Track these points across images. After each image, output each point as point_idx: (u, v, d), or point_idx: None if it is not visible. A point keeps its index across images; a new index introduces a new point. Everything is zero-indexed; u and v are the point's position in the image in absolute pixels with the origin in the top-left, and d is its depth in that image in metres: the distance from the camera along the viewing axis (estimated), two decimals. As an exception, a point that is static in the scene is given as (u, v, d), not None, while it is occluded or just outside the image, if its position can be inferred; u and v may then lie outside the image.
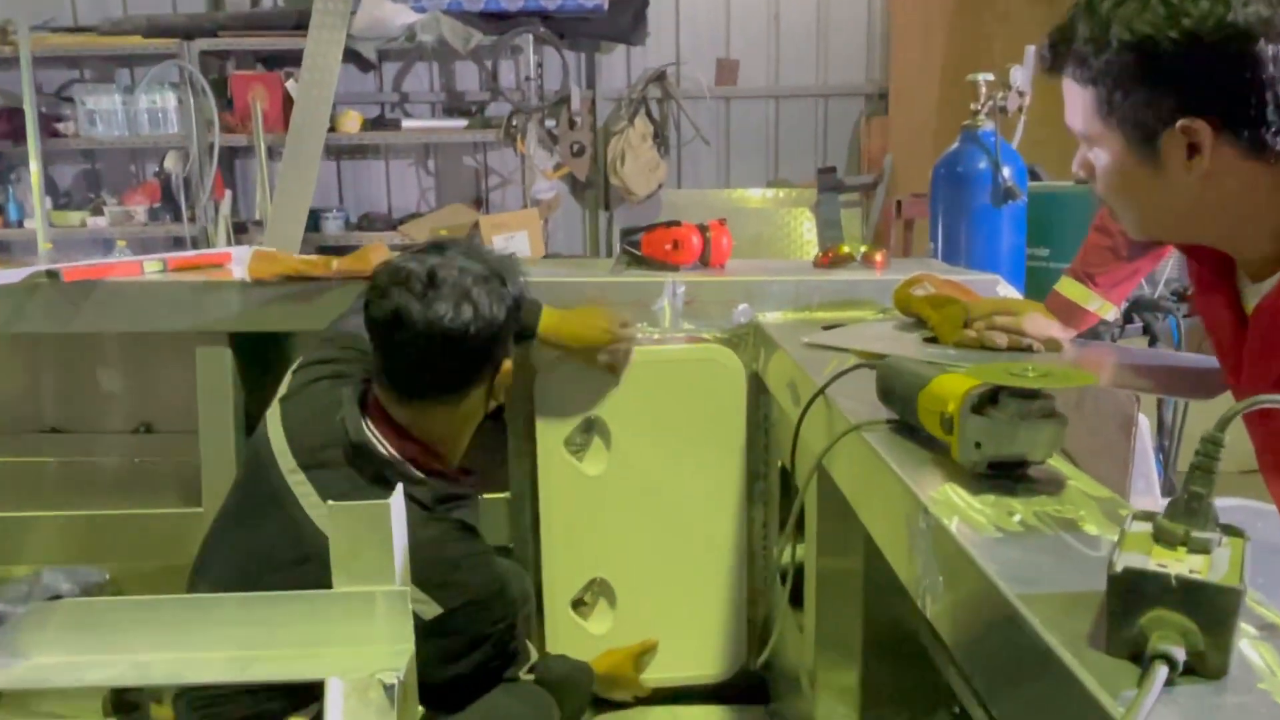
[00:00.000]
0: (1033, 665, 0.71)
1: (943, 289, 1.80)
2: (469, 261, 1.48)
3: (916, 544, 0.98)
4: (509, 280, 1.51)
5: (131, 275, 1.96)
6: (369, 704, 0.89)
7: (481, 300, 1.45)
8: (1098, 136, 1.16)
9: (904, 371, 1.17)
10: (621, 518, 2.01)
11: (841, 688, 1.58)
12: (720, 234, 2.07)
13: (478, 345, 1.46)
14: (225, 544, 1.53)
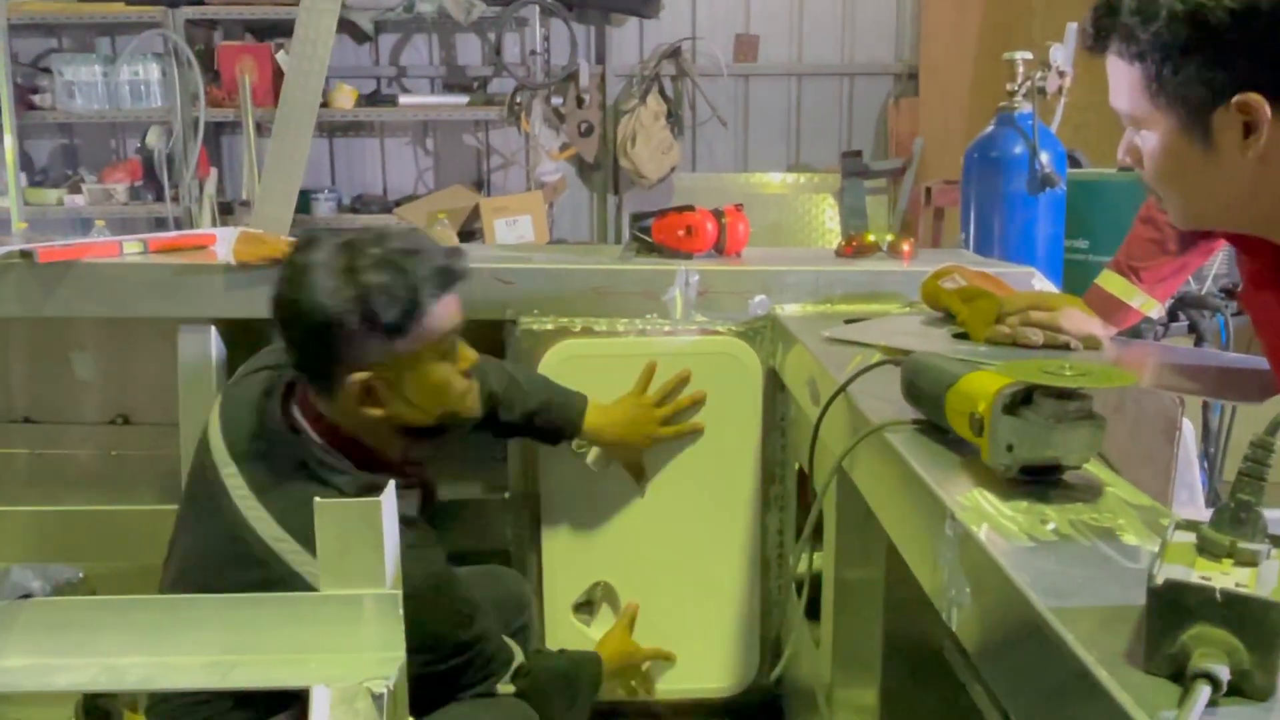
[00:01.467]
0: (1066, 684, 0.70)
1: (974, 282, 1.80)
2: (363, 244, 1.44)
3: (942, 553, 0.97)
4: (364, 273, 1.41)
5: (110, 256, 1.97)
6: (356, 714, 0.89)
7: (315, 287, 1.40)
8: (1145, 117, 1.15)
9: (931, 368, 1.17)
10: (627, 519, 2.02)
11: (860, 706, 1.58)
12: (736, 220, 2.07)
13: (311, 334, 1.43)
14: (178, 543, 1.55)
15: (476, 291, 1.92)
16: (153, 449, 2.16)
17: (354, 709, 0.89)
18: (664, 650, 2.04)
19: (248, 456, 1.48)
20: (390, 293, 1.42)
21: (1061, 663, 0.71)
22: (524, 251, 2.22)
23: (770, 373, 1.98)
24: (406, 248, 1.46)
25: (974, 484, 1.01)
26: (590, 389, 1.94)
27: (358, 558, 0.95)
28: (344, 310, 1.40)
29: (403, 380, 1.47)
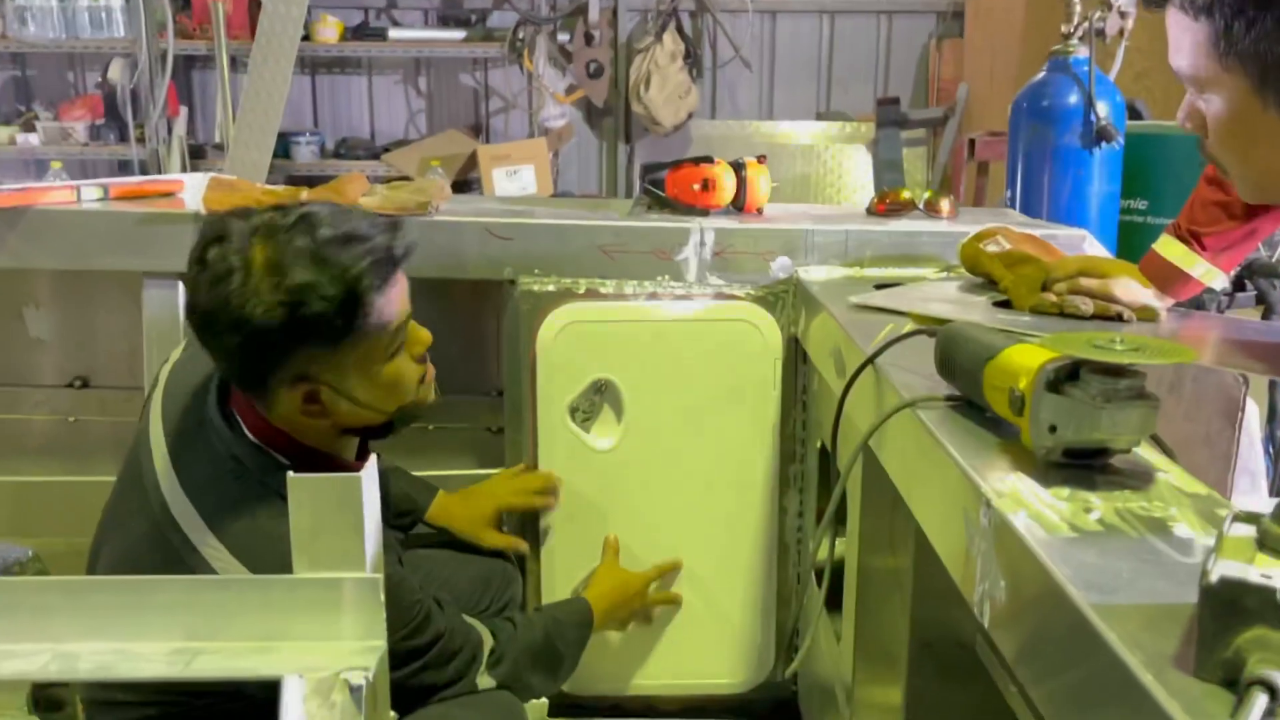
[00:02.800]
0: (1108, 688, 0.70)
1: (1019, 245, 1.79)
2: (285, 236, 1.33)
3: (975, 542, 0.97)
4: (291, 272, 1.31)
5: (66, 203, 1.97)
6: (332, 707, 0.89)
7: (234, 293, 1.31)
8: (1211, 79, 1.13)
9: (969, 339, 1.16)
10: (632, 499, 2.03)
11: (883, 706, 1.59)
12: (758, 174, 2.06)
13: (236, 349, 1.34)
14: (106, 538, 1.51)
15: (471, 248, 1.94)
16: (114, 415, 2.18)
17: (330, 702, 0.90)
18: (667, 565, 2.05)
19: (183, 449, 1.43)
20: (324, 294, 1.32)
21: (1103, 665, 0.71)
22: (524, 205, 2.22)
23: (791, 342, 1.98)
24: (337, 234, 1.34)
25: (1012, 468, 1.01)
26: (593, 359, 1.95)
27: (334, 539, 0.96)
28: (270, 321, 1.30)
29: (348, 384, 1.40)
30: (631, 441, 2.01)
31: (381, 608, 0.96)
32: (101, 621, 0.95)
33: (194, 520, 1.37)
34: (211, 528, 1.36)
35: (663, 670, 2.08)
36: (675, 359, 1.97)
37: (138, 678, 0.91)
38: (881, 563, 1.58)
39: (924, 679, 1.51)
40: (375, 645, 0.95)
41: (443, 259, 1.94)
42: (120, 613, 0.95)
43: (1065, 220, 2.40)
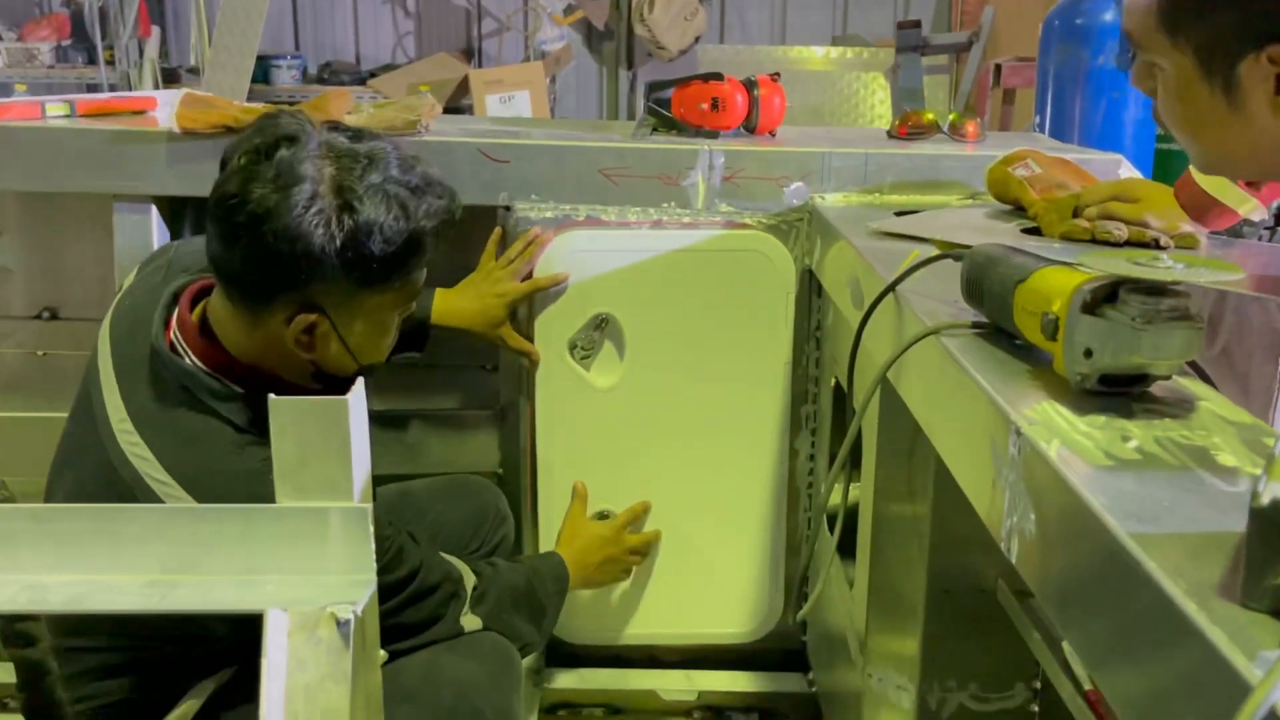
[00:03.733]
0: (1148, 621, 0.70)
1: (1050, 169, 1.77)
2: (358, 165, 1.34)
3: (1003, 473, 0.96)
4: (363, 203, 1.33)
5: (30, 119, 1.94)
6: (318, 642, 0.89)
7: (298, 204, 1.30)
8: (1160, 51, 1.12)
9: (998, 262, 1.15)
10: (635, 440, 2.02)
11: (898, 655, 1.59)
12: (772, 93, 2.03)
13: (268, 256, 1.32)
14: (59, 478, 1.51)
15: (464, 171, 1.91)
16: (85, 348, 2.13)
17: (316, 636, 0.89)
18: (637, 508, 2.05)
19: (132, 380, 1.42)
20: (388, 236, 1.34)
21: (1143, 597, 0.70)
22: (521, 126, 2.19)
23: (806, 274, 1.96)
24: (413, 182, 1.37)
25: (1044, 395, 1.00)
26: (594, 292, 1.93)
27: (320, 466, 0.95)
28: (326, 244, 1.31)
29: (352, 328, 1.41)
30: (634, 380, 2.00)
31: (371, 539, 0.95)
32: (72, 552, 0.94)
33: (142, 453, 1.36)
34: (160, 460, 1.35)
35: (666, 619, 2.09)
36: (681, 291, 1.95)
37: (112, 610, 0.91)
38: (898, 507, 1.58)
39: (942, 626, 1.51)
40: (364, 579, 0.94)
41: (434, 182, 1.91)
42: (92, 543, 0.94)
43: (1098, 146, 2.38)
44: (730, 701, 2.09)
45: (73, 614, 1.32)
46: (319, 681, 0.89)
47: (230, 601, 0.93)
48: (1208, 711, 0.62)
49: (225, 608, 0.92)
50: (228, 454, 1.36)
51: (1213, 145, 1.15)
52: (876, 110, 5.19)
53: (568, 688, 2.12)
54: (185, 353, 1.41)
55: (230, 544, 0.95)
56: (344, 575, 0.95)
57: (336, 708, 0.89)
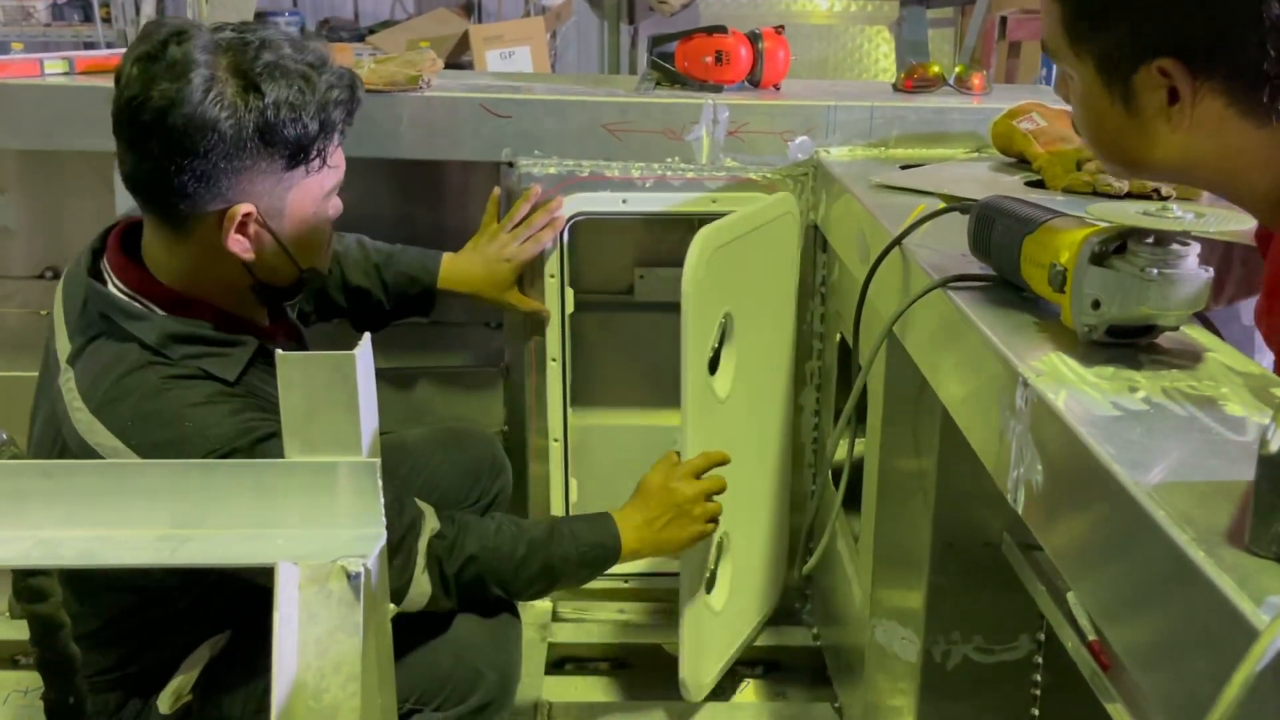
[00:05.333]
0: (1154, 570, 0.70)
1: (1054, 123, 1.76)
2: (249, 49, 1.32)
3: (1010, 425, 0.97)
4: (265, 82, 1.31)
5: (29, 76, 1.93)
6: (329, 595, 0.90)
7: (198, 89, 1.28)
8: (1066, 60, 1.13)
9: (1005, 214, 1.14)
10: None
11: (903, 608, 1.60)
12: (776, 46, 2.02)
13: (181, 151, 1.30)
14: (32, 430, 1.50)
15: (466, 126, 1.91)
16: (88, 308, 2.16)
17: (326, 589, 0.90)
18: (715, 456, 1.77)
19: (73, 319, 1.43)
20: (300, 110, 1.33)
21: (1150, 546, 0.71)
22: (521, 81, 2.17)
23: (810, 229, 1.96)
24: (309, 59, 1.37)
25: (1051, 347, 1.00)
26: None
27: (328, 420, 0.95)
28: (241, 126, 1.30)
29: (284, 221, 1.41)
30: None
31: (379, 493, 0.95)
32: (82, 507, 0.95)
33: (70, 385, 1.37)
34: (79, 390, 1.35)
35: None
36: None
37: (123, 564, 0.91)
38: (903, 462, 1.58)
39: (947, 580, 1.52)
40: (373, 533, 0.95)
41: (435, 138, 1.91)
42: (102, 498, 0.95)
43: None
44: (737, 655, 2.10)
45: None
46: (330, 634, 0.90)
47: (241, 555, 0.93)
48: (1215, 657, 0.63)
49: (236, 561, 0.93)
50: (130, 373, 1.34)
51: (1118, 154, 1.17)
52: (881, 64, 5.14)
53: (573, 641, 2.14)
54: (110, 278, 1.42)
55: (240, 498, 0.95)
56: (353, 529, 0.95)
57: (348, 659, 0.90)
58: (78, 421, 1.32)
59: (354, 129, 1.47)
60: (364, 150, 1.81)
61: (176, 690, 1.47)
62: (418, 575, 1.45)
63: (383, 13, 5.35)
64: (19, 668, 2.09)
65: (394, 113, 1.89)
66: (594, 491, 2.15)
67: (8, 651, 2.10)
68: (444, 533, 1.50)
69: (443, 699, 1.50)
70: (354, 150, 1.52)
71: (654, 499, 1.70)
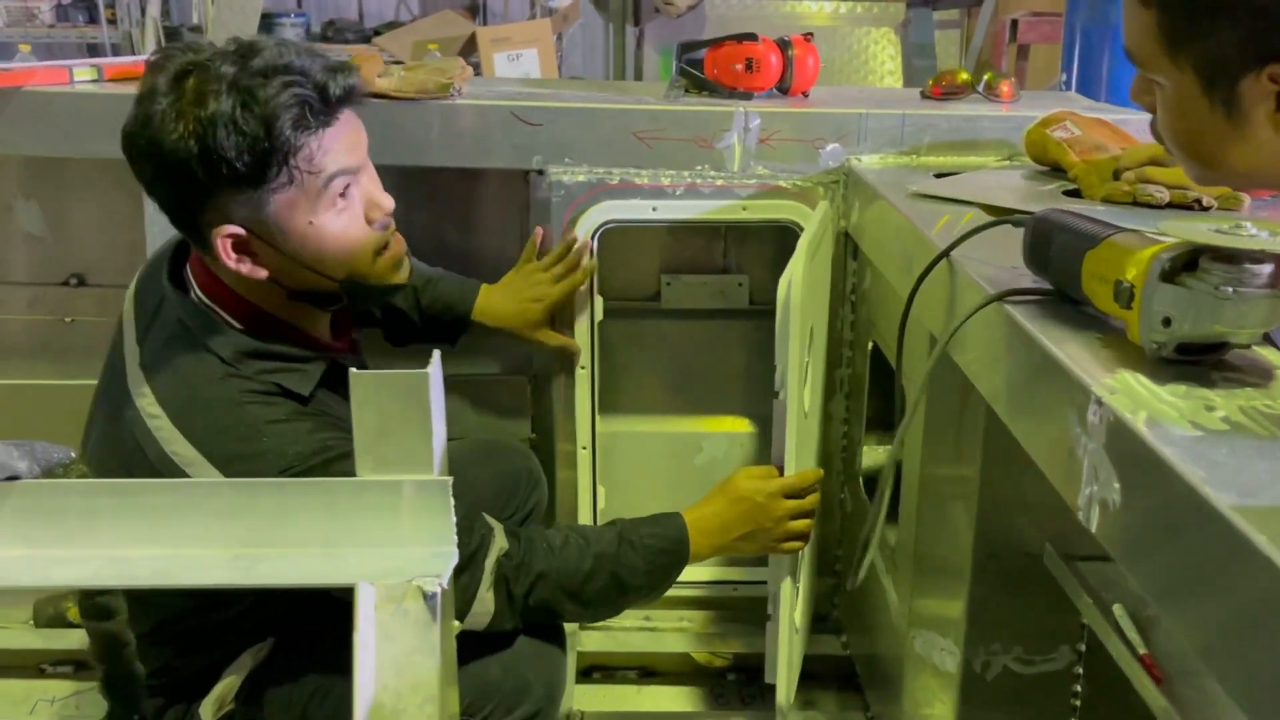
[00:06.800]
0: (1255, 594, 0.70)
1: (1089, 131, 1.76)
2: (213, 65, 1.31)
3: (1082, 443, 0.96)
4: (208, 101, 1.29)
5: (59, 84, 1.92)
6: (405, 615, 0.90)
7: (153, 115, 1.30)
8: (1159, 69, 1.12)
9: (1066, 228, 1.14)
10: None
11: (943, 618, 1.60)
12: (806, 53, 2.02)
13: (156, 178, 1.34)
14: (90, 434, 1.52)
15: (496, 134, 1.90)
16: (113, 314, 2.13)
17: (403, 609, 0.90)
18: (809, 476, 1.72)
19: (145, 323, 1.45)
20: (236, 126, 1.29)
21: (1248, 571, 0.70)
22: (550, 88, 2.17)
23: (840, 236, 1.96)
24: (265, 65, 1.32)
25: (1119, 364, 1.00)
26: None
27: (400, 439, 0.95)
28: (181, 150, 1.30)
29: (274, 234, 1.38)
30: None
31: (451, 511, 0.95)
32: (152, 526, 0.95)
33: (143, 389, 1.38)
34: (155, 395, 1.37)
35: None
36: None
37: (198, 584, 0.91)
38: (944, 470, 1.58)
39: (988, 590, 1.52)
40: (445, 551, 0.95)
41: (465, 146, 1.91)
42: (171, 516, 0.95)
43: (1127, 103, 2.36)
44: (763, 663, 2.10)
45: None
46: (407, 655, 0.90)
47: (316, 575, 0.93)
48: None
49: (311, 581, 0.93)
50: (209, 384, 1.36)
51: (1211, 161, 1.15)
52: (887, 66, 5.14)
53: (601, 650, 2.14)
54: (192, 287, 1.44)
55: (312, 517, 0.95)
56: (425, 548, 0.95)
57: (425, 680, 0.90)
58: (156, 429, 1.34)
59: (383, 137, 1.46)
60: (394, 158, 1.81)
61: (220, 697, 1.46)
62: (482, 593, 1.43)
63: (388, 14, 5.34)
64: (46, 676, 2.08)
65: (424, 120, 1.88)
66: (620, 498, 2.15)
67: (34, 660, 2.09)
68: (511, 552, 1.47)
69: (491, 709, 1.49)
70: (384, 158, 1.51)
71: (737, 508, 1.66)
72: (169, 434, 1.34)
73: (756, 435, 2.24)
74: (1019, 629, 1.53)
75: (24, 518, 0.94)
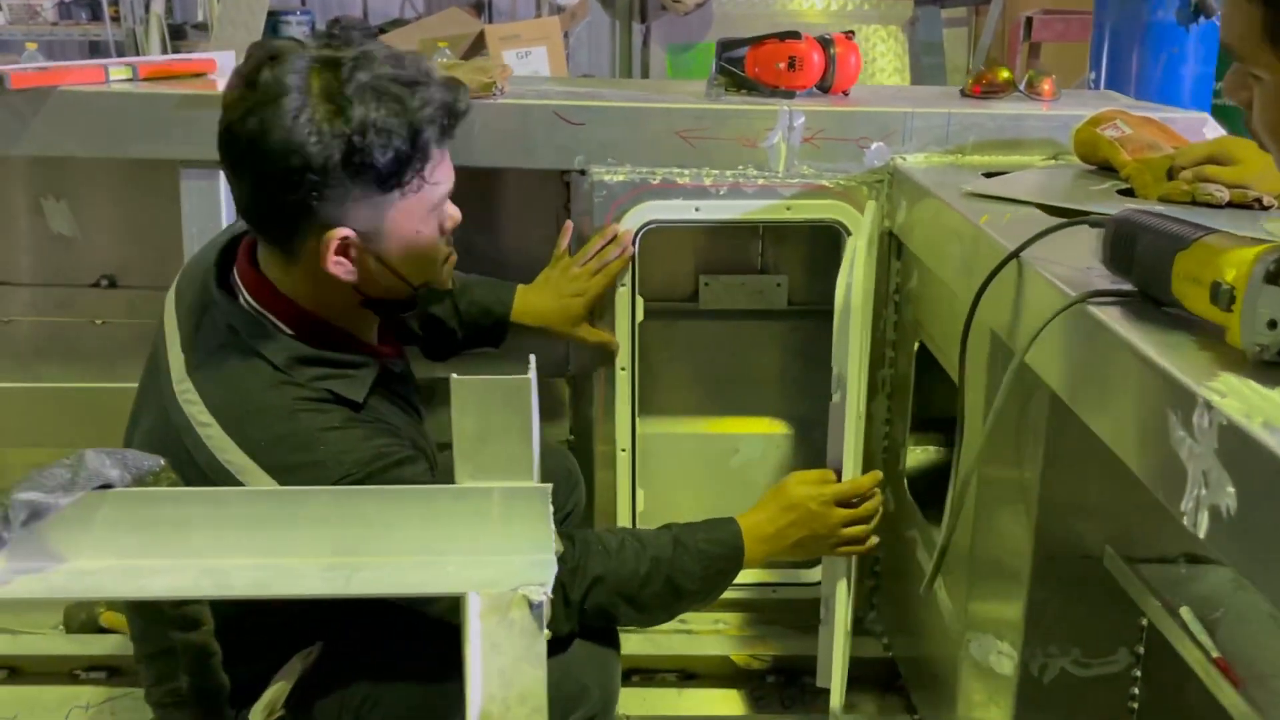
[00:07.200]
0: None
1: (1140, 130, 1.76)
2: (344, 68, 1.31)
3: (1187, 448, 0.96)
4: (354, 104, 1.29)
5: (94, 83, 1.90)
6: (511, 625, 0.88)
7: (286, 116, 1.27)
8: (1261, 64, 1.10)
9: (1151, 229, 1.13)
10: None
11: (1000, 621, 1.59)
12: (848, 51, 2.01)
13: (275, 178, 1.30)
14: (132, 439, 1.50)
15: (538, 134, 1.89)
16: (144, 317, 2.12)
17: (508, 619, 0.89)
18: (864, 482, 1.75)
19: (189, 327, 1.44)
20: (388, 133, 1.31)
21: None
22: (587, 86, 2.16)
23: (884, 236, 1.95)
24: (406, 76, 1.34)
25: (1220, 367, 0.99)
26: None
27: (500, 445, 0.94)
28: (328, 152, 1.29)
29: (382, 242, 1.39)
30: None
31: (550, 518, 0.94)
32: (248, 535, 0.93)
33: (191, 397, 1.37)
34: (205, 402, 1.36)
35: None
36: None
37: (296, 595, 0.90)
38: (1003, 473, 1.57)
39: (1047, 592, 1.51)
40: (546, 559, 0.93)
41: (508, 146, 1.89)
42: (267, 526, 0.93)
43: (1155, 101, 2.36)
44: (803, 665, 2.09)
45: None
46: (514, 664, 0.88)
47: (418, 584, 0.92)
48: None
49: (414, 590, 0.92)
50: (262, 392, 1.35)
51: None
52: (894, 64, 5.13)
53: (640, 653, 2.12)
54: (241, 292, 1.42)
55: (410, 525, 0.94)
56: (526, 555, 0.94)
57: (533, 690, 0.88)
58: (207, 438, 1.32)
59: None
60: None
61: (270, 704, 1.45)
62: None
63: (392, 11, 5.32)
64: (79, 682, 2.07)
65: (466, 120, 1.86)
66: (656, 499, 2.14)
67: (67, 666, 2.08)
68: (566, 555, 1.47)
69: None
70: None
71: (793, 514, 1.67)
72: (221, 442, 1.33)
73: (793, 436, 2.23)
74: (1077, 631, 1.53)
75: (117, 527, 0.92)
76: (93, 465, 0.92)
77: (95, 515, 0.92)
